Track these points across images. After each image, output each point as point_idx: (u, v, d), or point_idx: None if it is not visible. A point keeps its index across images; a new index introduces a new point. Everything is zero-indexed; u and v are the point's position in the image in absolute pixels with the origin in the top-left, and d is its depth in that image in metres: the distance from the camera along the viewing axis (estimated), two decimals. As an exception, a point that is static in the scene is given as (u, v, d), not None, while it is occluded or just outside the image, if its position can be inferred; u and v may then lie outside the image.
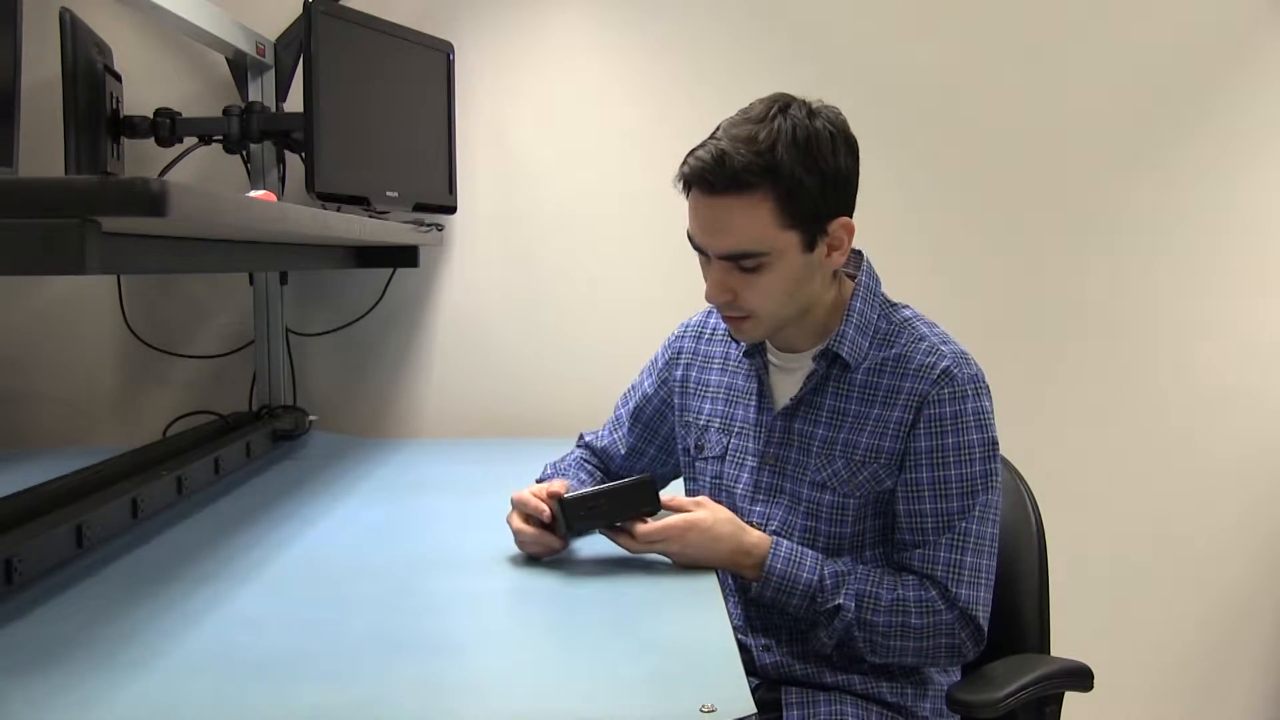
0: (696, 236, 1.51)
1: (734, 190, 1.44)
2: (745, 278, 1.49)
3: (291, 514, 1.88)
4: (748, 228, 1.46)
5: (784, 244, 1.47)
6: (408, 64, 2.43)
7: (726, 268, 1.50)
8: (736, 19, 2.61)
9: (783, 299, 1.52)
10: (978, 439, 1.52)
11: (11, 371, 2.64)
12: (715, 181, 1.44)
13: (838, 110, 1.52)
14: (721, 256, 1.49)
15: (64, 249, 0.99)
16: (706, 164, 1.45)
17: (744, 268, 1.48)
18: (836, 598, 1.48)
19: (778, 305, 1.52)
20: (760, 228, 1.45)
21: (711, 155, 1.44)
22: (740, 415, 1.66)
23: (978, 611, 1.49)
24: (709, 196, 1.46)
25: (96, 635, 1.29)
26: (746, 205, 1.45)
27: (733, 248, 1.47)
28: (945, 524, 1.50)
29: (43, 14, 1.94)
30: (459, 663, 1.25)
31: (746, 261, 1.48)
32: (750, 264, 1.48)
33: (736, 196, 1.44)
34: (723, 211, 1.46)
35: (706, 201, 1.47)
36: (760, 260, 1.47)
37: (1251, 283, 2.68)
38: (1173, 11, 2.61)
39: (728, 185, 1.44)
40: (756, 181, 1.43)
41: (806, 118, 1.47)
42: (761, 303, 1.51)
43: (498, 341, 2.66)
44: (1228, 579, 2.74)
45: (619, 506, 1.51)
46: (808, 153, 1.44)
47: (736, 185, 1.44)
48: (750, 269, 1.48)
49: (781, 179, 1.43)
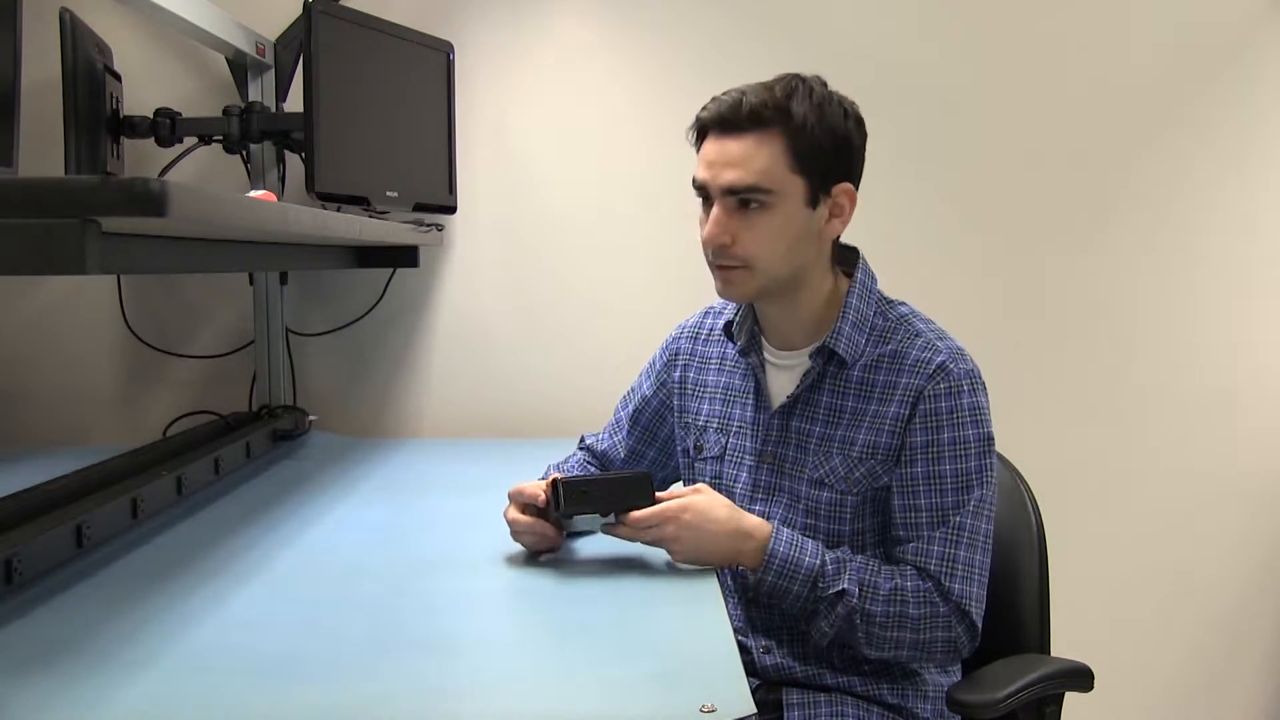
0: (704, 174, 1.53)
1: (749, 128, 1.49)
2: (746, 220, 1.51)
3: (291, 514, 1.88)
4: (757, 160, 1.49)
5: (790, 188, 1.50)
6: (408, 64, 2.43)
7: (729, 207, 1.51)
8: (737, 18, 2.61)
9: (780, 250, 1.53)
10: (973, 434, 1.52)
11: (11, 371, 2.64)
12: (732, 118, 1.50)
13: (852, 100, 1.57)
14: (727, 190, 1.50)
15: (64, 249, 0.99)
16: (725, 104, 1.51)
17: (748, 204, 1.50)
18: (839, 583, 1.47)
19: (774, 256, 1.52)
20: (769, 164, 1.49)
21: (730, 99, 1.51)
22: (738, 415, 1.66)
23: (971, 607, 1.48)
24: (723, 136, 1.51)
25: (96, 635, 1.29)
26: (758, 140, 1.49)
27: (740, 180, 1.50)
28: (940, 518, 1.50)
29: (43, 14, 1.94)
30: (459, 663, 1.25)
31: (753, 196, 1.50)
32: (755, 201, 1.50)
33: (750, 132, 1.49)
34: (734, 147, 1.50)
35: (721, 140, 1.52)
36: (764, 199, 1.50)
37: (1251, 283, 2.68)
38: (1173, 11, 2.61)
39: (744, 123, 1.49)
40: (771, 119, 1.49)
41: (821, 86, 1.54)
42: (759, 250, 1.52)
43: (497, 341, 2.66)
44: (1228, 579, 2.74)
45: (614, 497, 1.50)
46: (820, 109, 1.51)
47: (753, 122, 1.49)
48: (754, 207, 1.50)
49: (794, 122, 1.49)
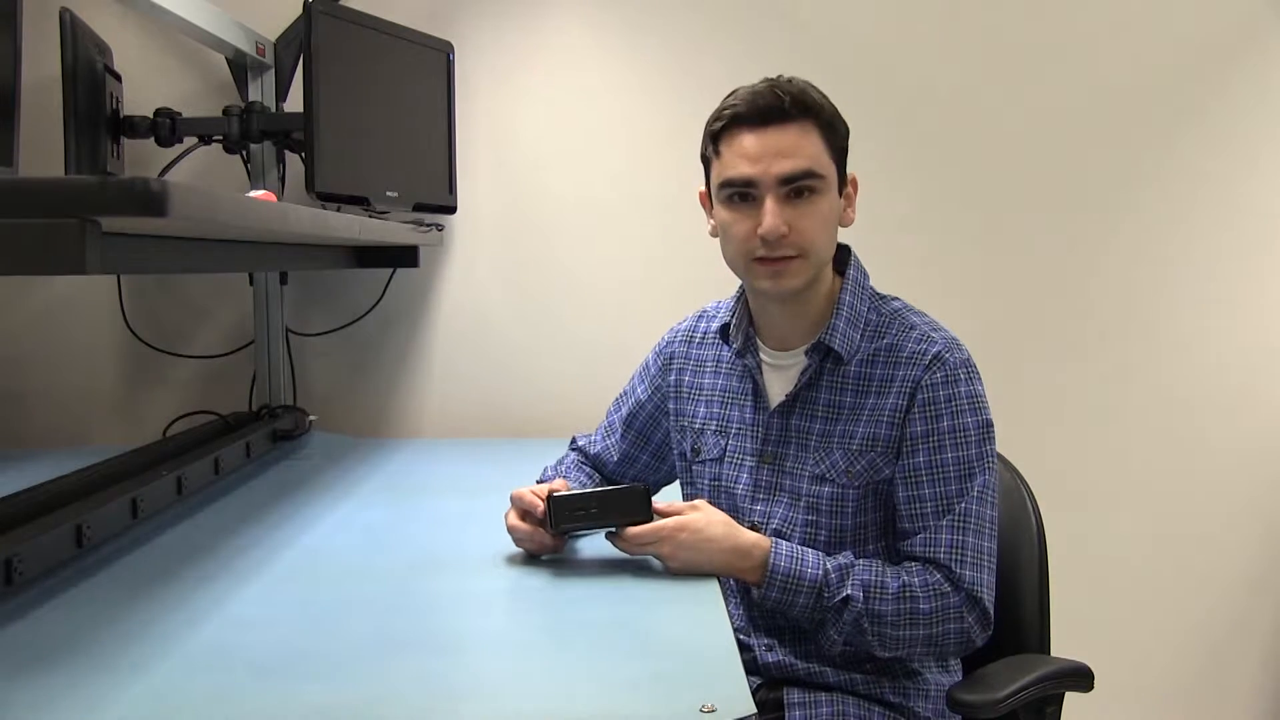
0: (751, 168, 1.52)
1: (788, 118, 1.51)
2: (800, 208, 1.52)
3: (292, 514, 1.88)
4: (808, 148, 1.52)
5: (831, 174, 1.54)
6: (408, 64, 2.43)
7: (783, 197, 1.52)
8: (737, 19, 2.60)
9: (829, 237, 1.57)
10: (972, 421, 1.52)
11: (11, 371, 2.64)
12: (777, 109, 1.51)
13: None
14: (784, 180, 1.51)
15: (64, 249, 0.99)
16: (760, 97, 1.52)
17: (803, 192, 1.52)
18: (844, 589, 1.47)
19: (825, 243, 1.56)
20: (817, 150, 1.53)
21: (760, 92, 1.52)
22: (736, 416, 1.66)
23: (983, 593, 1.48)
24: (763, 128, 1.51)
25: (96, 635, 1.29)
26: (801, 130, 1.52)
27: (797, 167, 1.51)
28: (944, 507, 1.50)
29: (43, 14, 1.94)
30: (459, 663, 1.25)
31: (809, 182, 1.52)
32: (810, 186, 1.52)
33: (791, 123, 1.51)
34: (782, 137, 1.51)
35: (760, 133, 1.52)
36: (817, 184, 1.52)
37: (1252, 282, 2.68)
38: (1173, 11, 2.60)
39: (783, 114, 1.51)
40: (805, 112, 1.52)
41: None
42: (815, 236, 1.53)
43: (498, 341, 2.66)
44: (1228, 579, 2.74)
45: (610, 512, 1.51)
46: (831, 103, 1.56)
47: (797, 111, 1.51)
48: (808, 194, 1.52)
49: (823, 113, 1.54)
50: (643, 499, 1.50)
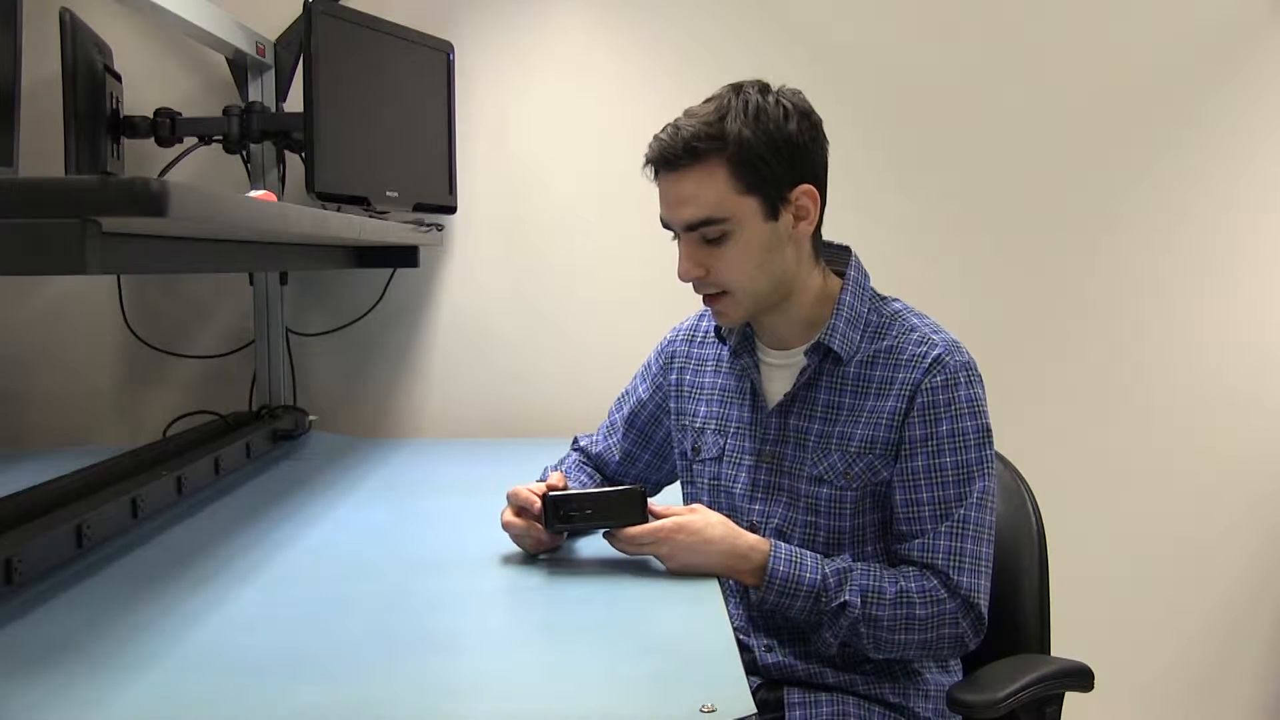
0: (664, 214, 1.55)
1: (688, 161, 1.50)
2: (712, 250, 1.52)
3: (291, 514, 1.88)
4: (704, 194, 1.50)
5: (744, 211, 1.50)
6: (408, 64, 2.43)
7: (693, 241, 1.53)
8: (736, 18, 2.60)
9: (753, 270, 1.54)
10: (971, 426, 1.52)
11: (11, 371, 2.64)
12: (671, 156, 1.50)
13: (797, 90, 1.55)
14: (686, 227, 1.52)
15: (64, 249, 0.99)
16: (664, 142, 1.52)
17: (709, 238, 1.52)
18: (842, 594, 1.47)
19: (749, 278, 1.54)
20: (717, 194, 1.49)
21: (667, 134, 1.52)
22: (735, 415, 1.66)
23: (979, 599, 1.49)
24: (670, 173, 1.53)
25: (96, 635, 1.29)
26: (701, 173, 1.50)
27: (694, 216, 1.51)
28: (943, 512, 1.50)
29: (43, 14, 1.94)
30: (459, 663, 1.25)
31: (710, 230, 1.51)
32: (714, 233, 1.51)
33: (690, 167, 1.50)
34: (681, 183, 1.51)
35: (668, 178, 1.53)
36: (722, 228, 1.51)
37: (1251, 282, 2.68)
38: (1173, 11, 2.61)
39: (681, 157, 1.50)
40: (706, 149, 1.48)
41: (758, 93, 1.52)
42: (732, 275, 1.53)
43: (498, 341, 2.66)
44: (1228, 579, 2.74)
45: (605, 513, 1.51)
46: (756, 120, 1.49)
47: (690, 155, 1.49)
48: (715, 239, 1.52)
49: (729, 144, 1.48)
50: (638, 501, 1.50)
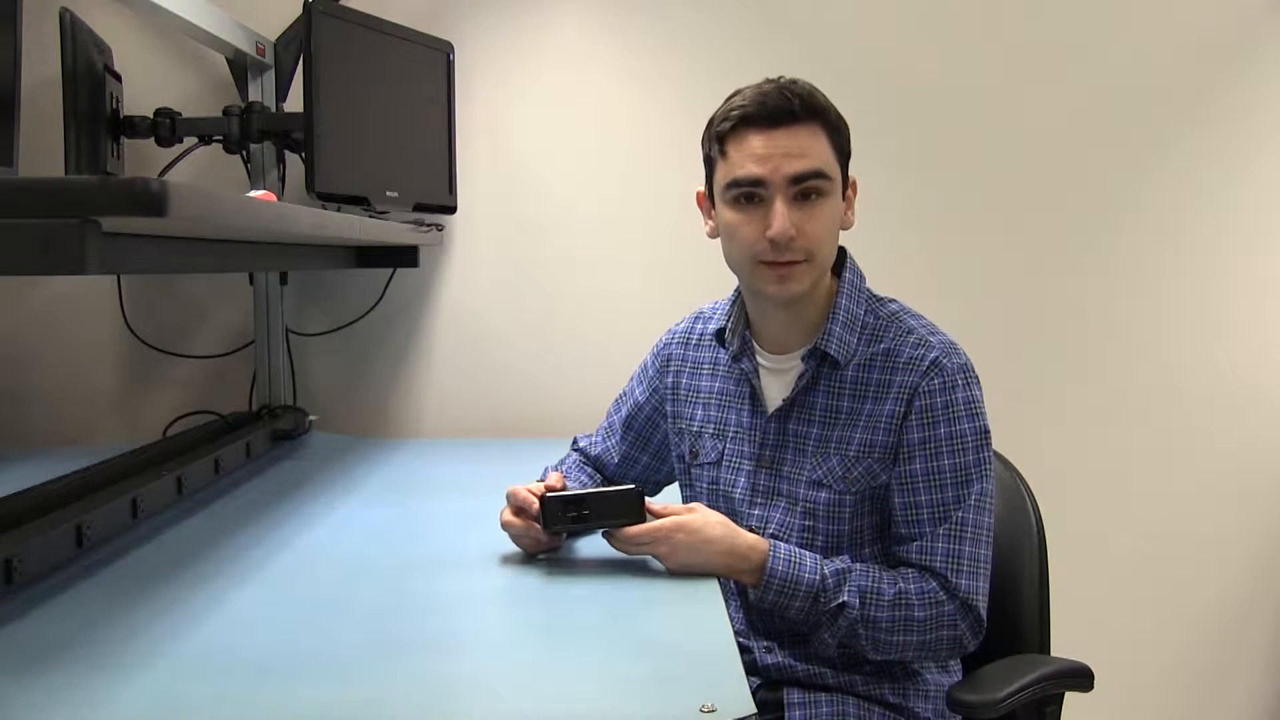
0: (760, 168, 1.51)
1: (804, 118, 1.51)
2: (808, 211, 1.52)
3: (291, 514, 1.88)
4: (817, 150, 1.52)
5: (837, 176, 1.55)
6: (408, 64, 2.43)
7: (791, 199, 1.51)
8: (737, 19, 2.60)
9: (833, 240, 1.57)
10: (969, 428, 1.52)
11: (11, 371, 2.64)
12: (780, 113, 1.51)
13: None
14: (794, 179, 1.51)
15: (64, 249, 0.99)
16: (768, 99, 1.51)
17: (810, 194, 1.52)
18: (840, 595, 1.47)
19: (830, 246, 1.57)
20: (825, 152, 1.53)
21: (769, 94, 1.52)
22: (733, 420, 1.66)
23: (978, 601, 1.49)
24: (772, 129, 1.51)
25: (96, 635, 1.29)
26: (809, 132, 1.52)
27: (807, 167, 1.51)
28: (941, 514, 1.50)
29: (43, 14, 1.94)
30: (459, 663, 1.25)
31: (817, 183, 1.52)
32: (818, 188, 1.52)
33: (804, 124, 1.52)
34: (792, 138, 1.51)
35: (769, 134, 1.51)
36: (825, 185, 1.52)
37: (1251, 282, 2.68)
38: (1173, 11, 2.61)
39: (798, 114, 1.51)
40: (813, 114, 1.52)
41: None
42: (821, 239, 1.53)
43: (498, 341, 2.66)
44: (1228, 579, 2.74)
45: (602, 513, 1.50)
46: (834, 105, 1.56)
47: (806, 113, 1.52)
48: (816, 196, 1.52)
49: (830, 115, 1.54)
50: (636, 501, 1.50)
